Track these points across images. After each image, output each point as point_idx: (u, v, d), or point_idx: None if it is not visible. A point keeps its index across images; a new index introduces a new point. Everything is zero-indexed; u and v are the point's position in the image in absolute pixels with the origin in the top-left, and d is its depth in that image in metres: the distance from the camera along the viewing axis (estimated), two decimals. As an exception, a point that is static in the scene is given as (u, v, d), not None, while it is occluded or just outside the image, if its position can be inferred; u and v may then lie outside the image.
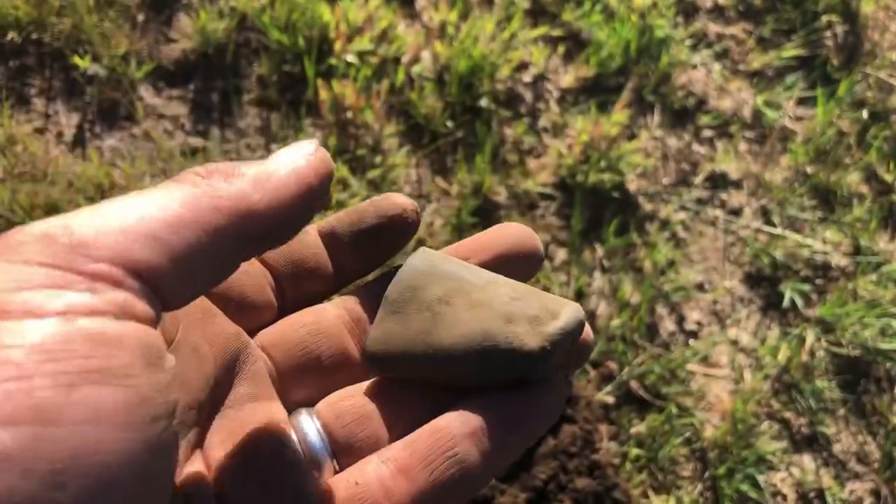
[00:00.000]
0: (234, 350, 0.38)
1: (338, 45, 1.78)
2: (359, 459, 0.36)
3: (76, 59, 1.69)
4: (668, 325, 1.69)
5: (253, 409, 0.37)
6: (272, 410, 0.37)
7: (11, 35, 1.71)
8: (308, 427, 0.36)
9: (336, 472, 0.36)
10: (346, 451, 0.36)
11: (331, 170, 0.33)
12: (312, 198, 0.32)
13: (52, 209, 1.54)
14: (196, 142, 1.69)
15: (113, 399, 0.23)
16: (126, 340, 0.24)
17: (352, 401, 0.38)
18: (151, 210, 0.26)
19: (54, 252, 0.24)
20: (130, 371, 0.24)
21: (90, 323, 0.24)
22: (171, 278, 0.26)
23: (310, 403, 0.39)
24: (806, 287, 1.77)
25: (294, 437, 0.36)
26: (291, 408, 0.38)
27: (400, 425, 0.37)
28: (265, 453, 0.35)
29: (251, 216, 0.29)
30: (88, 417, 0.22)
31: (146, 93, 1.74)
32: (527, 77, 1.92)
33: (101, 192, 1.58)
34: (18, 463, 0.21)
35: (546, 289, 1.65)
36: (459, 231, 1.66)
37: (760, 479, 1.56)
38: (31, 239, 0.24)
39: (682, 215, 1.82)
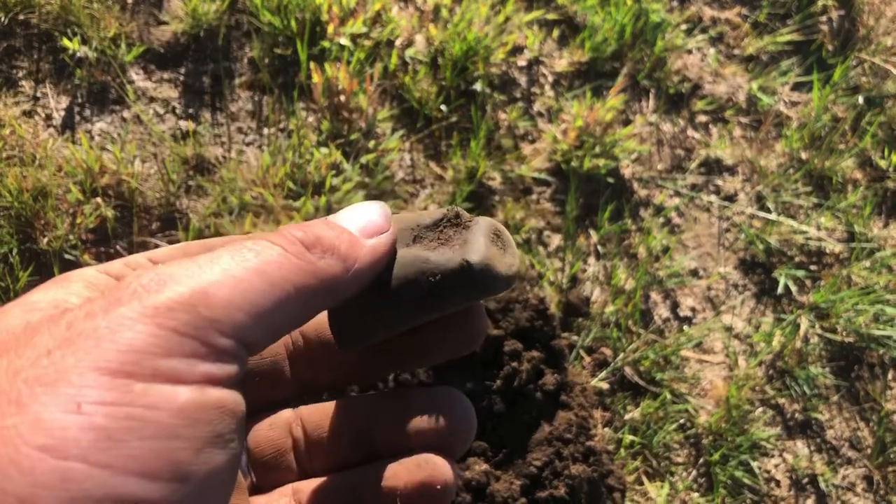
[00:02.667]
0: None
1: (330, 28, 1.76)
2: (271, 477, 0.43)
3: (65, 41, 1.67)
4: (662, 311, 1.69)
5: None
6: None
7: (-2, 16, 1.69)
8: None
9: (253, 483, 0.43)
10: (261, 469, 0.44)
11: (394, 246, 0.39)
12: (379, 271, 0.38)
13: (40, 194, 1.52)
14: (187, 125, 1.67)
15: (223, 461, 0.28)
16: (235, 409, 0.29)
17: (273, 433, 0.44)
18: (268, 287, 0.31)
19: (197, 325, 0.28)
20: (233, 435, 0.29)
21: (216, 393, 0.28)
22: (261, 343, 0.32)
23: None
24: (800, 273, 1.77)
25: None
26: None
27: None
28: None
29: (333, 293, 0.34)
30: (209, 476, 0.27)
31: (136, 76, 1.71)
32: (521, 61, 1.91)
33: (91, 176, 1.56)
34: None
35: (541, 276, 1.64)
36: (453, 216, 1.64)
37: (754, 464, 1.56)
38: (177, 307, 0.28)
39: (676, 201, 1.82)
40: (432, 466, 0.40)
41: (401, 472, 0.40)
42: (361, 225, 0.37)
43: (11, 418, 0.25)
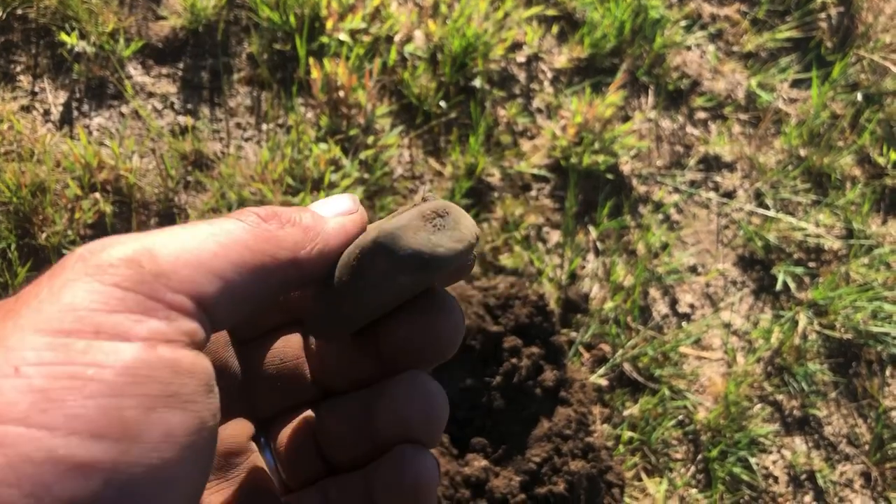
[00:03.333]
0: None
1: (329, 24, 1.75)
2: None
3: (63, 36, 1.66)
4: (661, 307, 1.69)
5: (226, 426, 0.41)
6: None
7: (-4, 11, 1.68)
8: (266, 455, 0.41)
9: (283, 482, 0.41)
10: (290, 469, 0.41)
11: (365, 223, 0.38)
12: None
13: (38, 189, 1.52)
14: (186, 120, 1.66)
15: (181, 422, 0.26)
16: (195, 370, 0.27)
17: (296, 433, 0.42)
18: (220, 248, 0.30)
19: (141, 279, 0.27)
20: (195, 398, 0.27)
21: (168, 351, 0.27)
22: (224, 310, 0.30)
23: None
24: (799, 270, 1.77)
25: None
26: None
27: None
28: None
29: (298, 265, 0.33)
30: (162, 438, 0.25)
31: (134, 71, 1.71)
32: (520, 57, 1.90)
33: (89, 171, 1.55)
34: (103, 472, 0.24)
35: (540, 272, 1.64)
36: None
37: (752, 461, 1.56)
38: (120, 263, 0.27)
39: (675, 197, 1.82)
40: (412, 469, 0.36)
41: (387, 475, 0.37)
42: (329, 208, 0.37)
43: None
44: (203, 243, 0.29)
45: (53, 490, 0.23)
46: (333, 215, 0.36)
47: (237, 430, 0.40)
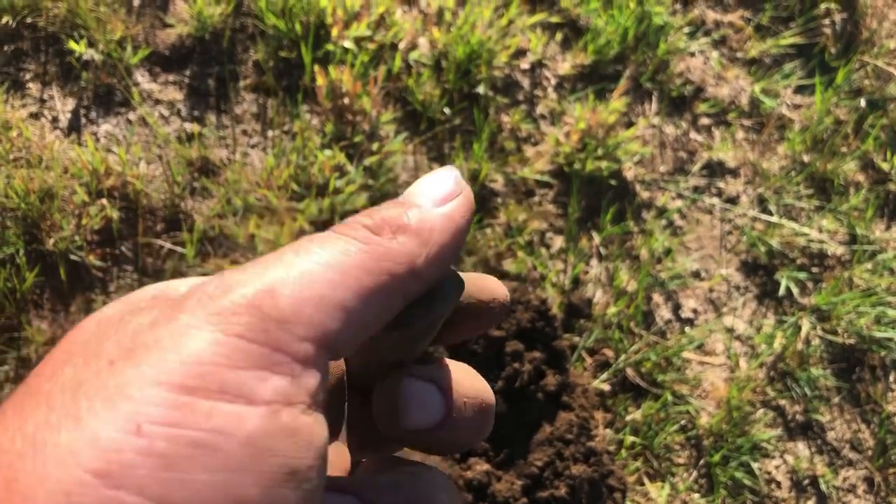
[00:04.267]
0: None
1: (335, 31, 1.77)
2: None
3: (71, 44, 1.68)
4: (664, 312, 1.70)
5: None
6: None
7: (6, 19, 1.70)
8: None
9: None
10: None
11: (473, 209, 0.34)
12: (463, 242, 0.34)
13: (46, 195, 1.54)
14: (192, 127, 1.68)
15: (295, 501, 0.24)
16: (313, 440, 0.25)
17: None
18: (339, 276, 0.28)
19: (264, 328, 0.25)
20: (311, 474, 0.25)
21: (290, 418, 0.25)
22: (345, 342, 0.28)
23: None
24: (802, 275, 1.77)
25: None
26: None
27: None
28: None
29: (416, 275, 0.31)
30: None
31: (142, 78, 1.73)
32: (524, 64, 1.92)
33: (97, 178, 1.57)
34: None
35: (543, 277, 1.65)
36: (456, 218, 1.65)
37: (755, 466, 1.57)
38: (242, 310, 0.25)
39: (678, 203, 1.82)
40: None
41: None
42: (432, 196, 0.34)
43: (68, 433, 0.22)
44: (322, 273, 0.28)
45: None
46: (438, 202, 0.33)
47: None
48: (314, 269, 0.27)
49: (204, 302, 0.26)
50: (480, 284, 0.38)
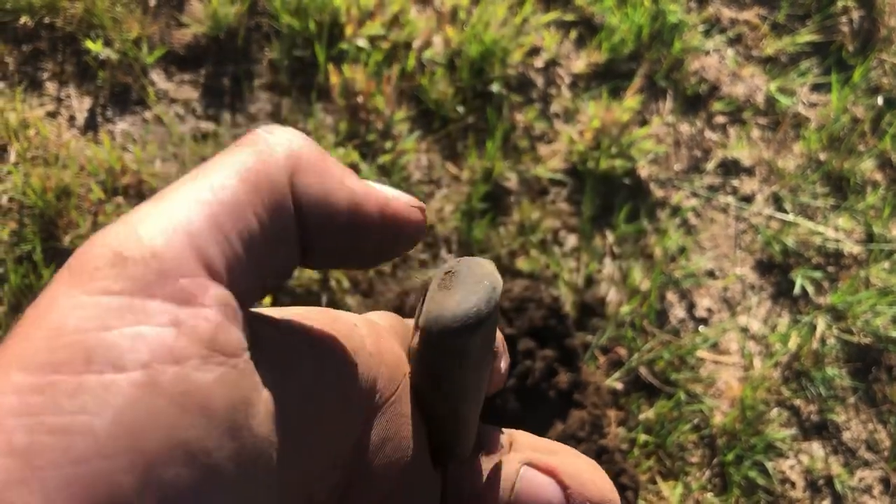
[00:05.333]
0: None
1: (349, 30, 1.78)
2: None
3: (88, 43, 1.70)
4: (678, 311, 1.69)
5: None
6: None
7: (24, 19, 1.72)
8: None
9: None
10: None
11: (422, 224, 0.30)
12: (399, 233, 0.29)
13: (63, 193, 1.55)
14: (207, 126, 1.69)
15: (190, 482, 0.20)
16: (212, 401, 0.21)
17: None
18: (208, 193, 0.23)
19: (130, 274, 0.21)
20: (210, 445, 0.20)
21: (173, 379, 0.20)
22: (242, 262, 0.23)
23: None
24: (817, 274, 1.76)
25: None
26: None
27: None
28: None
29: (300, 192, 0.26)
30: None
31: (157, 77, 1.74)
32: (538, 62, 1.92)
33: (113, 175, 1.58)
34: None
35: (556, 276, 1.65)
36: (470, 217, 1.66)
37: (769, 465, 1.56)
38: (104, 263, 0.21)
39: (693, 202, 1.82)
40: None
41: None
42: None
43: None
44: (187, 194, 0.23)
45: None
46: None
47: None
48: (181, 194, 0.23)
49: (70, 265, 0.22)
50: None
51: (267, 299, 1.37)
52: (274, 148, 0.25)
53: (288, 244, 0.25)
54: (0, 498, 0.18)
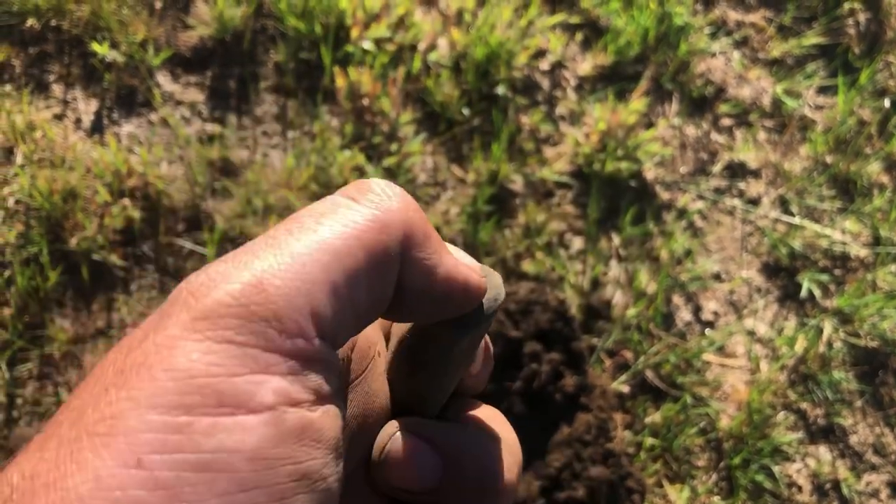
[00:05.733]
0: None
1: (354, 32, 1.78)
2: None
3: (95, 46, 1.70)
4: (684, 314, 1.69)
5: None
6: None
7: (31, 22, 1.72)
8: None
9: None
10: None
11: (481, 294, 0.33)
12: (463, 300, 0.31)
13: (70, 195, 1.55)
14: (213, 128, 1.69)
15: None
16: (323, 436, 0.24)
17: None
18: (330, 255, 0.26)
19: (255, 329, 0.24)
20: (324, 471, 0.24)
21: (295, 418, 0.23)
22: (340, 324, 0.26)
23: None
24: (824, 278, 1.75)
25: None
26: None
27: None
28: None
29: (414, 264, 0.29)
30: None
31: (163, 79, 1.74)
32: (544, 65, 1.91)
33: (119, 178, 1.59)
34: None
35: (562, 278, 1.64)
36: (475, 219, 1.65)
37: (776, 469, 1.55)
38: (229, 312, 0.24)
39: (699, 204, 1.81)
40: None
41: None
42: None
43: (72, 478, 0.21)
44: (315, 255, 0.25)
45: None
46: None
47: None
48: (305, 252, 0.25)
49: (189, 304, 0.24)
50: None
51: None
52: (391, 216, 0.28)
53: (385, 302, 0.28)
54: None
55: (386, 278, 0.28)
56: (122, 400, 0.22)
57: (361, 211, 0.27)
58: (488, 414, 0.36)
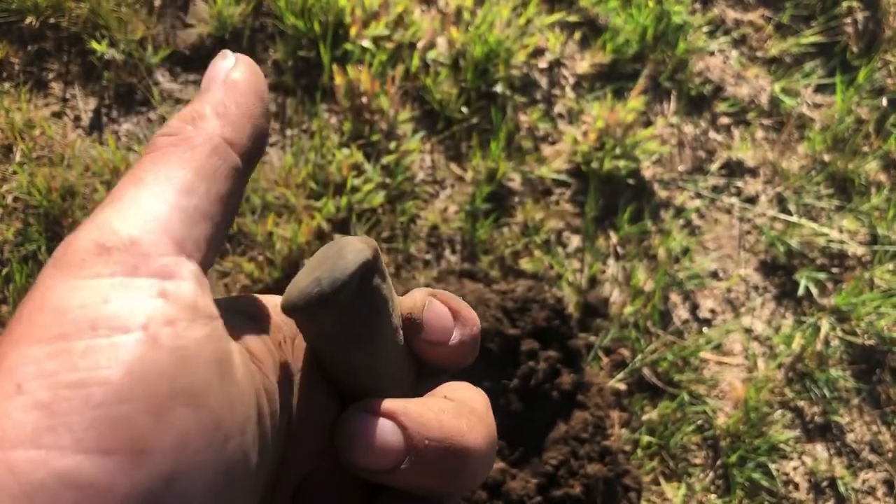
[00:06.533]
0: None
1: (353, 31, 1.78)
2: None
3: (93, 44, 1.70)
4: (681, 312, 1.69)
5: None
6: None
7: (30, 19, 1.73)
8: None
9: None
10: None
11: (256, 69, 0.35)
12: (259, 100, 0.33)
13: (68, 193, 1.56)
14: (212, 126, 1.70)
15: (195, 422, 0.24)
16: (202, 352, 0.25)
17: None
18: (163, 187, 0.27)
19: (116, 260, 0.25)
20: (207, 389, 0.24)
21: (170, 336, 0.24)
22: (204, 239, 0.27)
23: None
24: (821, 276, 1.76)
25: None
26: None
27: None
28: None
29: (225, 147, 0.30)
30: (175, 444, 0.23)
31: (162, 77, 1.74)
32: (542, 63, 1.92)
33: (118, 176, 1.59)
34: (117, 492, 0.22)
35: (559, 276, 1.65)
36: (473, 217, 1.66)
37: (773, 467, 1.56)
38: (89, 254, 0.25)
39: (697, 203, 1.82)
40: None
41: None
42: (213, 79, 0.34)
43: None
44: (145, 193, 0.27)
45: None
46: (220, 82, 0.33)
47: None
48: (140, 194, 0.27)
49: (55, 262, 0.25)
50: (405, 299, 0.35)
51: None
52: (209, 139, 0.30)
53: (234, 203, 0.30)
54: (35, 444, 0.21)
55: (219, 176, 0.29)
56: (3, 345, 0.23)
57: (169, 151, 0.29)
58: (453, 385, 0.36)
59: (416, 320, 0.34)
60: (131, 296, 0.24)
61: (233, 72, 0.34)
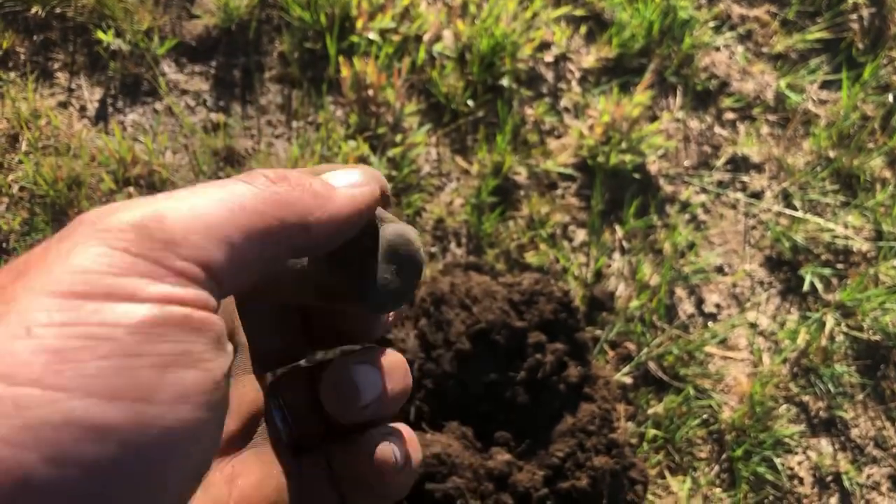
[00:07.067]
0: None
1: (360, 23, 1.78)
2: None
3: (100, 34, 1.70)
4: (686, 307, 1.69)
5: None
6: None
7: (36, 9, 1.72)
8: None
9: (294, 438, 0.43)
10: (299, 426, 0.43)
11: (378, 200, 0.37)
12: (360, 222, 0.36)
13: (74, 183, 1.55)
14: (218, 117, 1.69)
15: (194, 381, 0.26)
16: (204, 327, 0.27)
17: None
18: (229, 213, 0.29)
19: (150, 246, 0.26)
20: (207, 355, 0.26)
21: (179, 312, 0.26)
22: (232, 276, 0.29)
23: None
24: (826, 271, 1.76)
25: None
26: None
27: None
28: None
29: (307, 230, 0.32)
30: (177, 397, 0.25)
31: (168, 68, 1.74)
32: (548, 57, 1.91)
33: (124, 166, 1.59)
34: (119, 435, 0.23)
35: (565, 270, 1.65)
36: (479, 210, 1.66)
37: (777, 461, 1.56)
38: (128, 228, 0.26)
39: (702, 198, 1.81)
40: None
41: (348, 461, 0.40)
42: (339, 179, 0.36)
43: None
44: (213, 208, 0.29)
45: (71, 453, 0.22)
46: (344, 185, 0.35)
47: (254, 394, 0.40)
48: (206, 203, 0.29)
49: (93, 222, 0.27)
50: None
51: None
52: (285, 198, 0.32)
53: (269, 264, 0.31)
54: (41, 384, 0.23)
55: (278, 248, 0.31)
56: (18, 289, 0.25)
57: (254, 190, 0.31)
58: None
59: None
60: (151, 277, 0.26)
61: (360, 192, 0.36)
